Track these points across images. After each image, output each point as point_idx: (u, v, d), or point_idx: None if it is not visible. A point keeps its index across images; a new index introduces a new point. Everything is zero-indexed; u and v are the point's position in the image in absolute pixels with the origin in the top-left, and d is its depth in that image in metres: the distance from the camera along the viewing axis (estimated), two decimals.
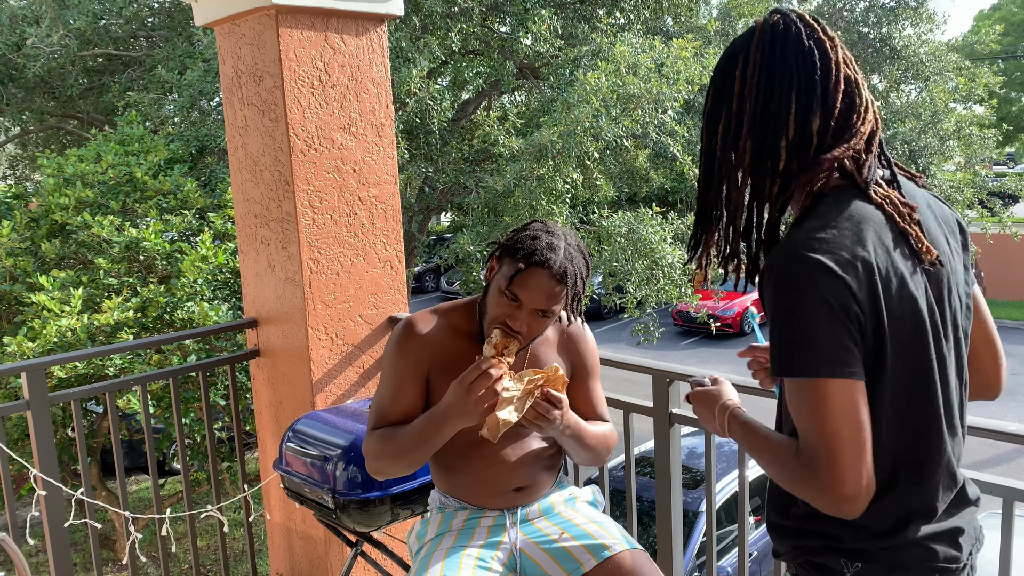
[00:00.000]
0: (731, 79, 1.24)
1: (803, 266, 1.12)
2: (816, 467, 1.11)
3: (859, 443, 1.10)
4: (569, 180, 7.27)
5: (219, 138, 7.46)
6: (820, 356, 1.11)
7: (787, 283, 1.14)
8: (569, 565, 1.84)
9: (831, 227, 1.15)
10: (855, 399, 1.11)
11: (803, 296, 1.11)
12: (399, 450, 1.78)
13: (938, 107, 10.68)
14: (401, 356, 1.85)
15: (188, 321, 5.06)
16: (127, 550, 2.70)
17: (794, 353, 1.13)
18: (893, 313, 1.14)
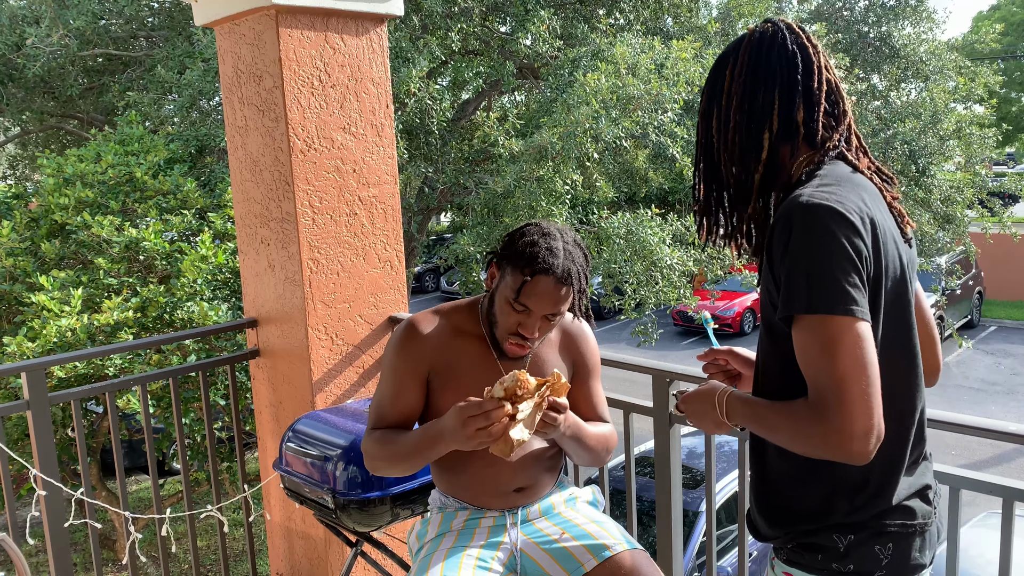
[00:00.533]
0: (722, 78, 1.37)
1: (815, 211, 1.18)
2: (827, 408, 1.13)
3: (869, 381, 1.13)
4: (569, 181, 7.27)
5: (219, 138, 7.46)
6: (834, 294, 1.15)
7: (801, 226, 1.19)
8: (570, 565, 1.84)
9: (835, 184, 1.25)
10: (865, 339, 1.15)
11: (817, 238, 1.17)
12: (395, 456, 1.79)
13: (938, 107, 10.67)
14: (402, 357, 1.85)
15: (188, 321, 5.06)
16: (127, 550, 2.70)
17: (811, 291, 1.16)
18: (887, 269, 1.23)
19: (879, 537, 1.26)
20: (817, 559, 1.28)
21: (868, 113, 11.02)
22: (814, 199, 1.19)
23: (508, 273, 1.77)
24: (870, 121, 10.76)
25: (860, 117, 10.83)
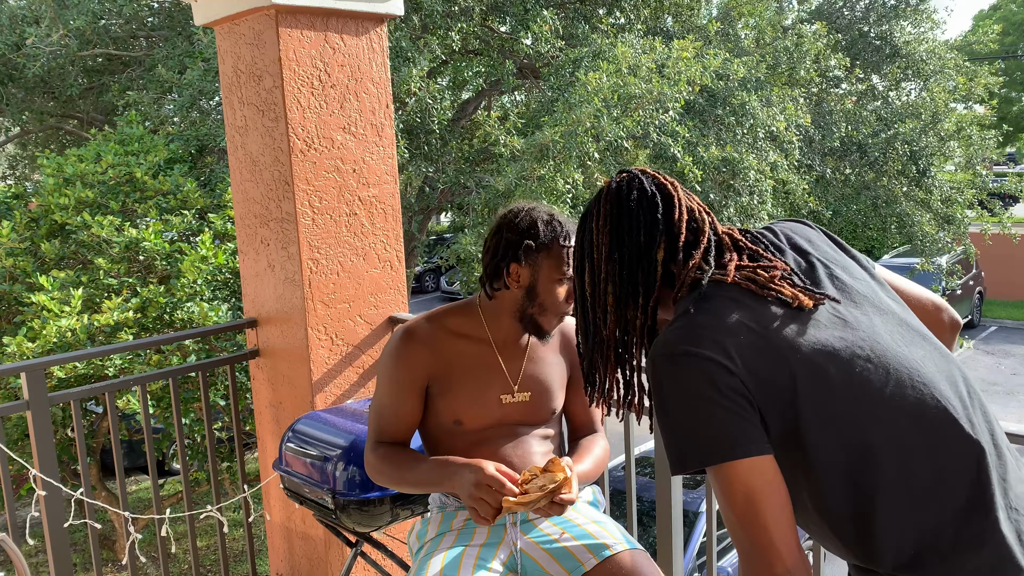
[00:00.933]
0: (588, 231, 1.34)
1: (662, 362, 1.16)
2: (747, 560, 1.10)
3: (771, 517, 1.09)
4: (570, 180, 7.27)
5: (219, 138, 7.46)
6: (702, 443, 1.12)
7: (654, 380, 1.17)
8: (570, 564, 1.83)
9: (682, 320, 1.19)
10: (753, 475, 1.10)
11: (671, 388, 1.15)
12: (400, 480, 1.84)
13: (938, 107, 10.68)
14: (400, 368, 1.85)
15: (188, 321, 5.06)
16: (127, 550, 2.70)
17: (680, 447, 1.14)
18: (797, 370, 1.14)
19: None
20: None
21: (868, 113, 11.02)
22: (657, 349, 1.17)
23: (543, 258, 1.80)
24: (870, 122, 10.76)
25: (860, 117, 10.84)
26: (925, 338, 1.25)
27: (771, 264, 1.26)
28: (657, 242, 1.29)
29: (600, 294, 1.31)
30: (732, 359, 1.12)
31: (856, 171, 10.83)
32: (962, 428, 1.14)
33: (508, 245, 1.82)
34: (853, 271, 1.31)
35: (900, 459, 1.12)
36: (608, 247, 1.30)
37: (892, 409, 1.14)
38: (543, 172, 7.09)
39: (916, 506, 1.11)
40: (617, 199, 1.32)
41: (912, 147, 10.36)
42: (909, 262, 12.53)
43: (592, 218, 1.34)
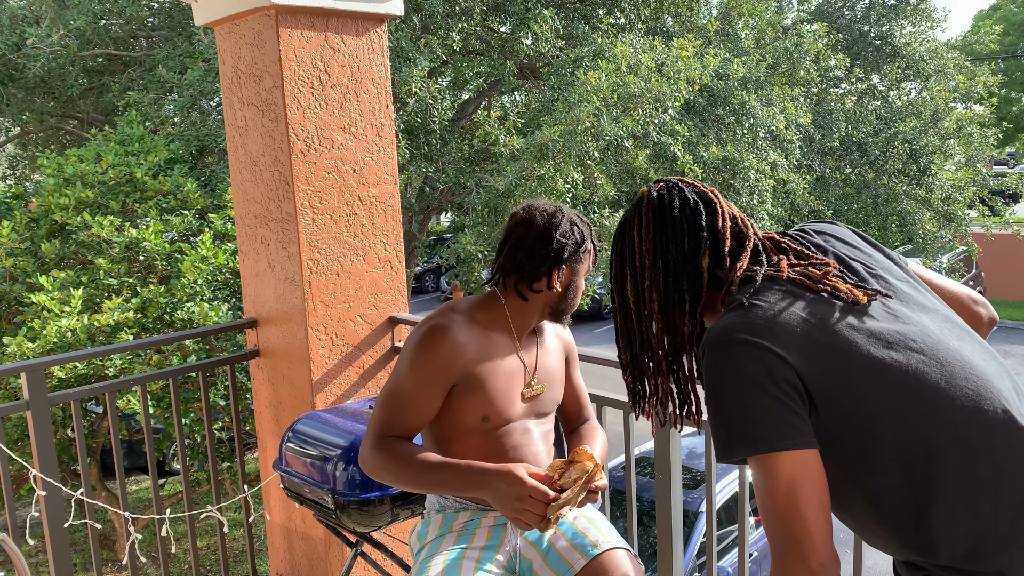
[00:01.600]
0: (629, 240, 1.35)
1: (717, 348, 1.17)
2: (777, 551, 1.11)
3: (810, 516, 1.10)
4: (570, 180, 7.27)
5: (219, 138, 7.46)
6: (752, 432, 1.13)
7: (709, 368, 1.18)
8: (560, 568, 1.83)
9: (738, 311, 1.20)
10: (797, 469, 1.11)
11: (726, 376, 1.15)
12: (412, 481, 1.76)
13: (938, 106, 10.68)
14: (429, 363, 1.79)
15: (188, 321, 5.06)
16: (127, 550, 2.70)
17: (730, 434, 1.15)
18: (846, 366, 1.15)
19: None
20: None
21: (868, 113, 11.02)
22: (712, 336, 1.18)
23: (577, 261, 1.89)
24: (870, 121, 10.76)
25: (860, 116, 10.84)
26: (969, 333, 1.27)
27: (821, 261, 1.28)
28: (702, 248, 1.29)
29: (645, 302, 1.32)
30: (788, 350, 1.14)
31: (856, 170, 10.84)
32: (1017, 421, 1.14)
33: (556, 250, 1.84)
34: (892, 270, 1.33)
35: (960, 451, 1.13)
36: (652, 255, 1.31)
37: (949, 401, 1.14)
38: (543, 172, 7.09)
39: (975, 498, 1.12)
40: (659, 207, 1.33)
41: (912, 145, 10.36)
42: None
43: (633, 227, 1.35)
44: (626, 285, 1.35)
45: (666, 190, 1.35)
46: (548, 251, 1.84)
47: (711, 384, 1.18)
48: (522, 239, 1.86)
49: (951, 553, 1.13)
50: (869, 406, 1.14)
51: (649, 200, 1.35)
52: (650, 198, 1.35)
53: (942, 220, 10.80)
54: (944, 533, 1.13)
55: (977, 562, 1.12)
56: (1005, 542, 1.12)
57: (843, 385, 1.14)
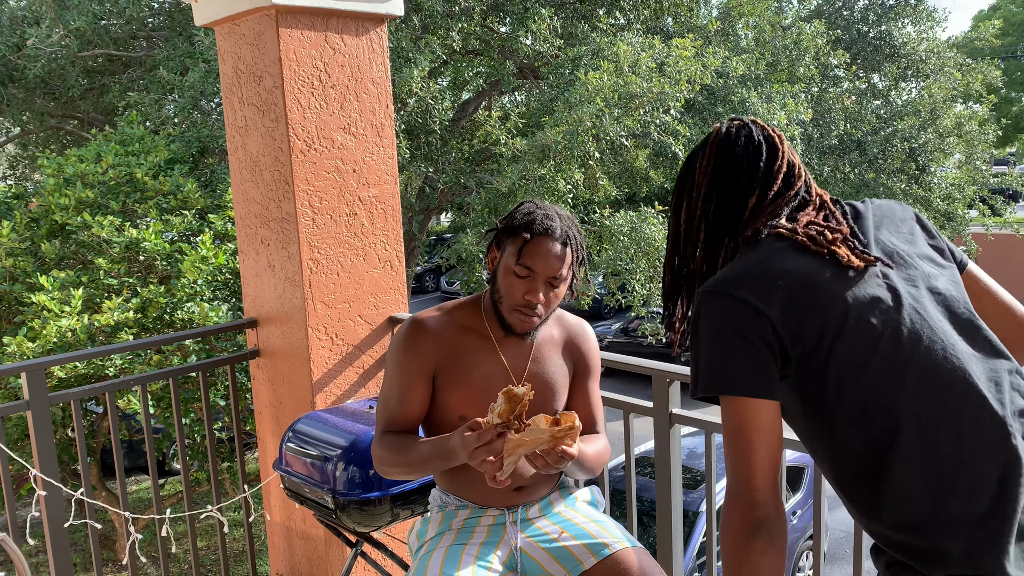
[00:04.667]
0: (692, 171, 1.40)
1: (705, 298, 1.25)
2: (728, 485, 1.21)
3: (755, 459, 1.19)
4: (571, 180, 7.27)
5: (220, 138, 7.47)
6: (721, 375, 1.22)
7: (696, 314, 1.27)
8: (569, 563, 1.84)
9: (732, 264, 1.30)
10: (749, 417, 1.20)
11: (707, 322, 1.24)
12: (407, 466, 1.81)
13: (937, 104, 10.68)
14: (408, 356, 1.85)
15: (188, 321, 5.06)
16: (127, 550, 2.70)
17: (699, 376, 1.24)
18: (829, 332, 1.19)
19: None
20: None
21: (867, 112, 11.02)
22: (704, 286, 1.27)
23: (508, 244, 1.80)
24: (869, 120, 10.76)
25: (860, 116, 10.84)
26: (975, 327, 1.25)
27: (838, 227, 1.31)
28: (753, 187, 1.35)
29: (694, 231, 1.38)
30: (769, 304, 1.20)
31: (855, 169, 10.83)
32: (989, 408, 1.15)
33: (501, 224, 1.84)
34: (923, 250, 1.34)
35: (920, 425, 1.16)
36: (707, 187, 1.37)
37: (919, 373, 1.17)
38: (544, 172, 7.09)
39: (929, 474, 1.14)
40: (725, 142, 1.37)
41: (911, 144, 10.36)
42: None
43: (697, 158, 1.40)
44: (680, 213, 1.40)
45: (735, 128, 1.39)
46: (493, 228, 1.86)
47: (693, 328, 1.27)
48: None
49: (895, 524, 1.16)
50: (836, 364, 1.19)
51: (717, 135, 1.39)
52: (719, 134, 1.39)
53: (942, 219, 10.80)
54: (894, 503, 1.16)
55: (923, 538, 1.14)
56: (953, 523, 1.13)
57: (816, 342, 1.19)
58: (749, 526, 1.18)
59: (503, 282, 1.81)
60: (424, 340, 1.85)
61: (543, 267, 1.76)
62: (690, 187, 1.40)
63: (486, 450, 1.59)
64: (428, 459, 1.77)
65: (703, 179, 1.38)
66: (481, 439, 1.58)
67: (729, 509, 1.21)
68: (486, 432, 1.59)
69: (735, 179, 1.35)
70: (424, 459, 1.77)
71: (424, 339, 1.85)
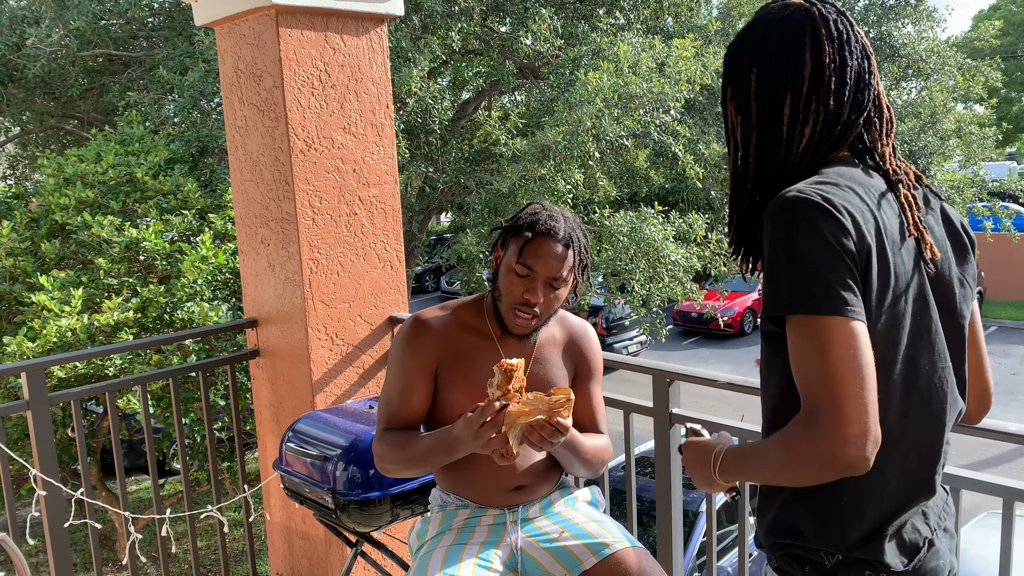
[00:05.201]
0: (800, 62, 1.22)
1: (799, 206, 1.11)
2: (818, 412, 1.06)
3: (863, 383, 1.05)
4: (571, 180, 7.27)
5: (220, 138, 7.47)
6: (820, 293, 1.08)
7: (784, 222, 1.12)
8: (569, 563, 1.84)
9: (829, 183, 1.16)
10: (859, 339, 1.07)
11: (800, 233, 1.10)
12: (409, 461, 1.80)
13: (937, 106, 10.68)
14: (410, 353, 1.85)
15: (188, 321, 5.06)
16: (127, 550, 2.70)
17: (795, 291, 1.10)
18: (894, 279, 1.14)
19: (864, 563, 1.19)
20: (804, 570, 1.23)
21: None
22: (797, 194, 1.12)
23: (511, 243, 1.81)
24: None
25: None
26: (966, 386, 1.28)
27: (915, 180, 1.28)
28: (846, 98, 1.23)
29: (799, 132, 1.24)
30: (855, 235, 1.11)
31: None
32: (937, 469, 1.24)
33: (505, 224, 1.85)
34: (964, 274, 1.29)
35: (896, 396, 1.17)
36: (824, 85, 1.22)
37: (913, 354, 1.17)
38: (544, 172, 7.09)
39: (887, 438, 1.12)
40: (838, 39, 1.23)
41: (911, 146, 10.35)
42: None
43: (807, 48, 1.23)
44: (783, 109, 1.23)
45: (840, 21, 1.23)
46: (499, 226, 1.86)
47: (786, 238, 1.11)
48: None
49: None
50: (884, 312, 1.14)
51: (826, 26, 1.22)
52: (827, 25, 1.22)
53: None
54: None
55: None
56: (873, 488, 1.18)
57: (877, 300, 1.13)
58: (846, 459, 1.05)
59: (503, 280, 1.81)
60: (426, 338, 1.86)
61: (543, 267, 1.77)
62: (798, 80, 1.22)
63: (491, 425, 1.59)
64: (431, 451, 1.76)
65: (815, 75, 1.21)
66: (484, 414, 1.59)
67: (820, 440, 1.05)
68: (488, 406, 1.60)
69: (844, 85, 1.21)
70: (427, 451, 1.77)
71: (426, 337, 1.86)
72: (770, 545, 1.29)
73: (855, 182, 1.19)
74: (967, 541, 5.39)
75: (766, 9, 1.27)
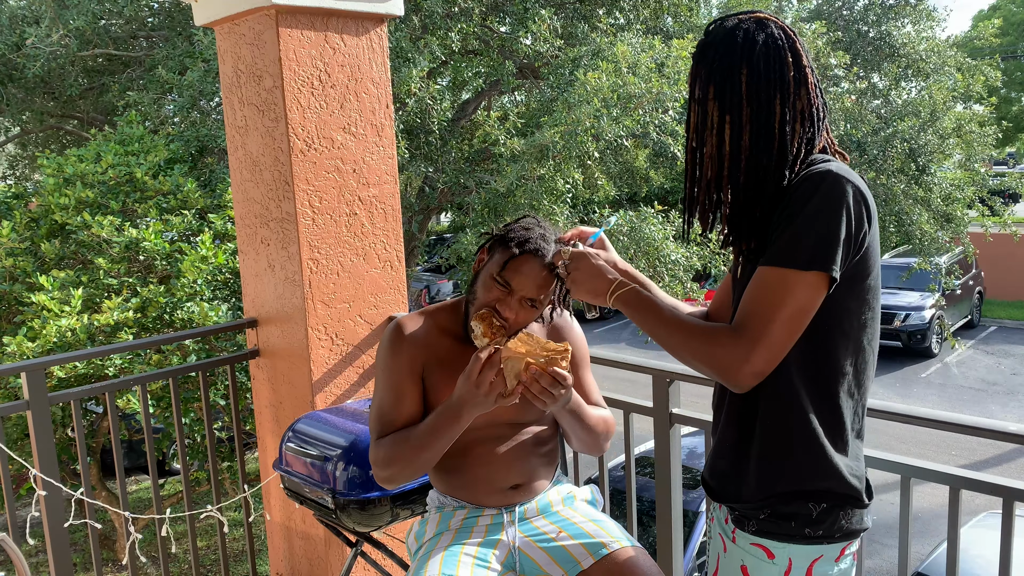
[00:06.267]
0: (736, 85, 1.36)
1: (843, 186, 1.29)
2: (748, 338, 1.27)
3: (794, 334, 1.29)
4: (570, 180, 7.27)
5: (219, 138, 7.46)
6: (825, 253, 1.26)
7: (828, 194, 1.28)
8: (567, 563, 1.84)
9: (841, 164, 1.36)
10: (817, 296, 1.28)
11: (835, 208, 1.27)
12: (414, 449, 1.74)
13: (937, 105, 10.67)
14: (395, 358, 1.85)
15: (188, 321, 5.06)
16: (127, 550, 2.70)
17: (814, 248, 1.27)
18: (875, 254, 1.35)
19: (842, 502, 1.38)
20: (791, 526, 1.37)
21: (868, 112, 11.01)
22: (844, 175, 1.30)
23: (497, 252, 1.79)
24: (870, 120, 10.75)
25: (860, 116, 10.83)
26: None
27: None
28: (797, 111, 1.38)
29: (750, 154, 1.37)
30: (869, 217, 1.31)
31: (855, 169, 10.82)
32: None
33: (499, 230, 1.84)
34: None
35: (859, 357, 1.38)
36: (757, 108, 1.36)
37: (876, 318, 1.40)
38: (543, 172, 7.09)
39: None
40: (765, 59, 1.36)
41: (911, 145, 10.35)
42: (907, 261, 12.53)
43: (743, 71, 1.37)
44: (724, 134, 1.37)
45: (771, 40, 1.37)
46: (490, 232, 1.86)
47: (816, 202, 1.28)
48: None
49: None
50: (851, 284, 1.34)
51: (756, 49, 1.36)
52: (757, 47, 1.36)
53: (941, 220, 10.79)
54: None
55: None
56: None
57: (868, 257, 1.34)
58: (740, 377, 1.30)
59: (481, 287, 1.80)
60: (408, 341, 1.85)
61: (522, 286, 1.74)
62: (736, 104, 1.36)
63: (488, 367, 1.60)
64: (435, 428, 1.72)
65: (752, 97, 1.36)
66: (478, 361, 1.61)
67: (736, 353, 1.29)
68: (482, 351, 1.61)
69: (784, 103, 1.36)
70: (430, 431, 1.72)
71: (408, 340, 1.85)
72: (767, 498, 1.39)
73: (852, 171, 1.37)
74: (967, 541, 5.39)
75: (739, 18, 1.41)
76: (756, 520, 1.40)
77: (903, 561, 1.99)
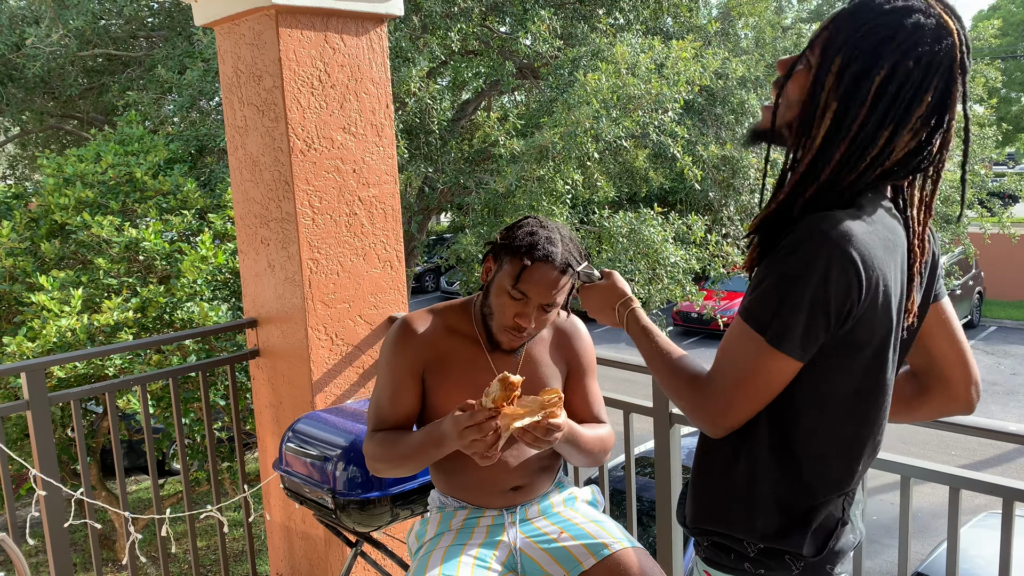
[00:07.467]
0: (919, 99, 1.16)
1: (834, 252, 1.13)
2: (715, 394, 1.23)
3: (759, 403, 1.22)
4: (569, 181, 7.27)
5: (219, 138, 7.46)
6: (791, 332, 1.16)
7: (810, 256, 1.13)
8: (568, 564, 1.84)
9: (866, 224, 1.17)
10: (782, 374, 1.19)
11: (811, 277, 1.13)
12: (399, 458, 1.80)
13: None
14: (398, 355, 1.85)
15: (188, 321, 5.06)
16: (127, 550, 2.71)
17: (775, 318, 1.17)
18: (873, 333, 1.20)
19: (791, 555, 1.27)
20: (730, 558, 1.30)
21: None
22: (842, 239, 1.13)
23: (506, 263, 1.78)
24: None
25: None
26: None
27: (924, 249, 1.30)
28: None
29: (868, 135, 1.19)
30: (869, 274, 1.15)
31: None
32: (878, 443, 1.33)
33: (501, 238, 1.83)
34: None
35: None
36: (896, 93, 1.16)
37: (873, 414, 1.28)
38: (543, 173, 7.09)
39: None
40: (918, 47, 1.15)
41: None
42: None
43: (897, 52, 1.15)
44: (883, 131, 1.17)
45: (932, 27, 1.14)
46: (493, 241, 1.84)
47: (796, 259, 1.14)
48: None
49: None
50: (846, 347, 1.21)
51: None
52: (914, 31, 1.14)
53: (940, 221, 10.79)
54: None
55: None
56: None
57: (854, 350, 1.21)
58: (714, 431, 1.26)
59: (496, 301, 1.80)
60: (413, 339, 1.86)
61: (538, 294, 1.75)
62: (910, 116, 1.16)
63: (477, 430, 1.58)
64: (420, 446, 1.75)
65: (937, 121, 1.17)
66: (474, 419, 1.58)
67: (702, 412, 1.25)
68: (479, 412, 1.59)
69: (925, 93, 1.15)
70: (416, 447, 1.76)
71: (413, 339, 1.86)
72: (695, 530, 1.35)
73: (884, 226, 1.21)
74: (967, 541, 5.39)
75: (928, 2, 1.16)
76: (702, 547, 1.34)
77: (903, 561, 1.99)
